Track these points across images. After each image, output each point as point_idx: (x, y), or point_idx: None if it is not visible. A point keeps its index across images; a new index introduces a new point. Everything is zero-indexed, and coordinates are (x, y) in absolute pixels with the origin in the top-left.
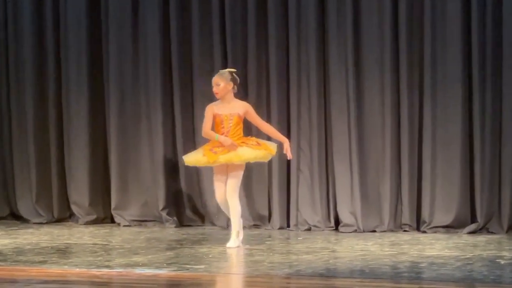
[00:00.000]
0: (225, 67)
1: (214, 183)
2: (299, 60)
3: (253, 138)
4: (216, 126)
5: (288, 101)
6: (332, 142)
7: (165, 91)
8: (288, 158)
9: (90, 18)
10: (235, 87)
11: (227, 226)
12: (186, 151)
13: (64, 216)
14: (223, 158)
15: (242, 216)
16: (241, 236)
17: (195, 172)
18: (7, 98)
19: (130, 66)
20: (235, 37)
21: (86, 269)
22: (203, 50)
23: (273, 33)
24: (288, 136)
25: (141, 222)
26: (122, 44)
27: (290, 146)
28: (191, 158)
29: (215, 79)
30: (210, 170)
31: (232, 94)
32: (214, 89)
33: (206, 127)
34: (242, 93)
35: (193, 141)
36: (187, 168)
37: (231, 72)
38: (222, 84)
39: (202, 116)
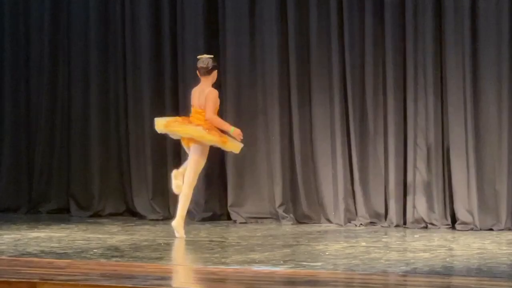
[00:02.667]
0: (342, 63)
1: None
2: (416, 58)
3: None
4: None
5: (405, 98)
6: (448, 139)
7: (282, 86)
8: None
9: (207, 13)
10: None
11: (344, 223)
12: (303, 147)
13: None
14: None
15: (359, 214)
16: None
17: (312, 169)
18: (125, 99)
19: (247, 62)
20: (352, 33)
21: (203, 266)
22: (320, 45)
23: (389, 30)
24: (404, 132)
25: (257, 219)
26: (239, 39)
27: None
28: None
29: None
30: (326, 168)
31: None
32: None
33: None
34: (360, 92)
35: (310, 136)
36: (304, 165)
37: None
38: None
39: (320, 112)
